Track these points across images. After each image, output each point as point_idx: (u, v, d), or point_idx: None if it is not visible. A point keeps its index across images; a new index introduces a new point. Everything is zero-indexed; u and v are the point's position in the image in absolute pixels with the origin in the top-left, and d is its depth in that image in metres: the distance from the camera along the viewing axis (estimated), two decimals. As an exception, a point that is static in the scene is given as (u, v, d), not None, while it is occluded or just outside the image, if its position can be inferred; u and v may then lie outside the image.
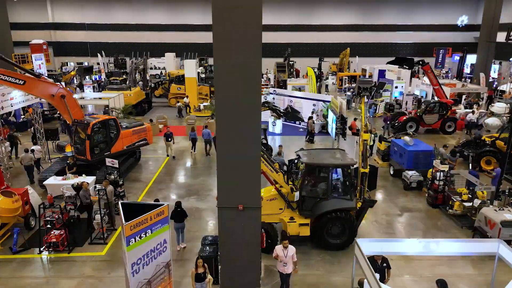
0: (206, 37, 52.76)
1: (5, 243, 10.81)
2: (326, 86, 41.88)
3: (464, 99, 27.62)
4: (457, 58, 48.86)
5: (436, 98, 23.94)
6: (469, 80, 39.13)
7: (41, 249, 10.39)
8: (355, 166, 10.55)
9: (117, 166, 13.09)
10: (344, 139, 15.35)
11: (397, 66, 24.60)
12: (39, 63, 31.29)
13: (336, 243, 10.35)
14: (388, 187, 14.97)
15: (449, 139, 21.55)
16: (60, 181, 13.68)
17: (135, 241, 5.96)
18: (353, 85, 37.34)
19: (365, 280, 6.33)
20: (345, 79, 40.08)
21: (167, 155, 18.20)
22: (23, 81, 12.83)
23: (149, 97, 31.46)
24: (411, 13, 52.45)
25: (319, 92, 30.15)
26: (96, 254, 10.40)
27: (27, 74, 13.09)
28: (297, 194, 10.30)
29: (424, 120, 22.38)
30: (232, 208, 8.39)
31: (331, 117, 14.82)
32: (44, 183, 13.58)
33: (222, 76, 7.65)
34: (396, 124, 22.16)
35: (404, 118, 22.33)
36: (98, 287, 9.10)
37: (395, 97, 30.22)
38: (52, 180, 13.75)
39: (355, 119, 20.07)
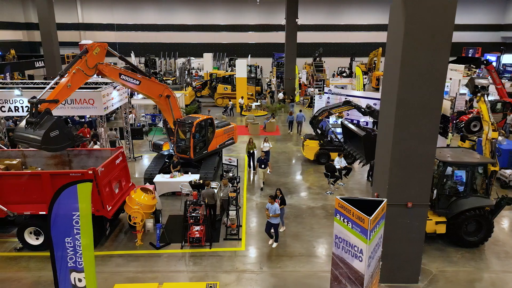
0: (233, 37, 53.14)
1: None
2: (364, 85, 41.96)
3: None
4: (489, 57, 48.94)
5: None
6: (507, 79, 39.07)
7: (184, 244, 10.67)
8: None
9: (235, 164, 13.33)
10: (445, 138, 15.55)
11: (463, 65, 24.74)
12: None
13: (473, 240, 10.55)
14: (482, 186, 15.12)
15: (514, 138, 21.70)
16: (168, 179, 13.99)
17: (372, 235, 6.19)
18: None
19: None
20: (382, 78, 40.14)
21: (261, 188, 14.81)
22: (138, 81, 13.11)
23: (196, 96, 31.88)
24: (439, 13, 52.22)
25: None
26: (237, 250, 10.66)
27: (140, 75, 13.35)
28: (434, 192, 10.51)
29: (488, 119, 22.50)
30: (400, 206, 8.63)
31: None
32: (154, 180, 13.85)
33: (409, 75, 7.85)
34: (459, 123, 22.33)
35: (468, 117, 22.47)
36: (256, 281, 9.35)
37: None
38: (160, 178, 14.04)
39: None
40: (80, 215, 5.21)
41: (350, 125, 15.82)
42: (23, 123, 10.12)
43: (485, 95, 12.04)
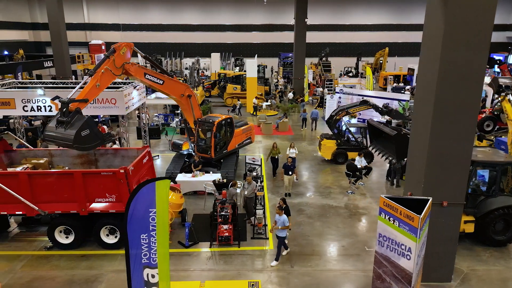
0: (238, 37, 53.14)
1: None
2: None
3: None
4: (496, 57, 48.97)
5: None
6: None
7: (213, 243, 10.70)
8: None
9: (258, 163, 13.37)
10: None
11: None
12: (99, 63, 31.67)
13: (501, 239, 10.59)
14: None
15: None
16: (190, 178, 14.04)
17: (420, 233, 6.22)
18: (401, 84, 37.63)
19: None
20: (390, 78, 40.26)
21: (286, 194, 14.08)
22: (162, 81, 13.16)
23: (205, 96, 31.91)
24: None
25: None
26: (265, 248, 10.69)
27: (164, 75, 13.38)
28: (463, 191, 10.53)
29: (502, 119, 22.56)
30: (435, 205, 8.63)
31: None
32: (176, 180, 13.90)
33: (447, 74, 7.88)
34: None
35: (480, 117, 22.51)
36: (289, 279, 9.39)
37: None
38: (182, 177, 14.10)
39: None
40: (157, 212, 5.23)
41: (378, 125, 15.83)
42: (53, 122, 10.17)
43: (510, 94, 12.07)
